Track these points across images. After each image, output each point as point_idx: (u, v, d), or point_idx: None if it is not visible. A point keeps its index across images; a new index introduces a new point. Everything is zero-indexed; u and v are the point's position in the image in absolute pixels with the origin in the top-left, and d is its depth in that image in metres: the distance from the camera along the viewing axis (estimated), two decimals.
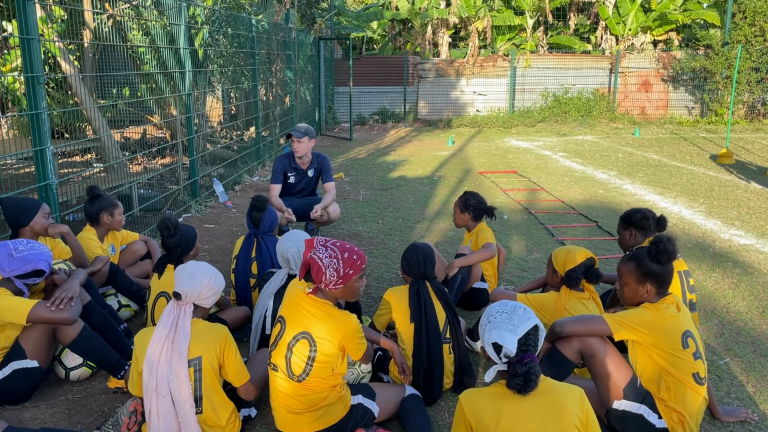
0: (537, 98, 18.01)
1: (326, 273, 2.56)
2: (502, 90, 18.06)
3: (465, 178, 9.35)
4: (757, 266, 5.15)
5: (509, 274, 5.05)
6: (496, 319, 2.18)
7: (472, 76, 18.07)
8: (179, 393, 2.54)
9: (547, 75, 18.00)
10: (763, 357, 3.58)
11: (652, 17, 18.33)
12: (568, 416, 2.09)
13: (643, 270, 2.69)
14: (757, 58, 16.06)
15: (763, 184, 8.62)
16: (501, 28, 19.25)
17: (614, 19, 18.62)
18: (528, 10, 18.82)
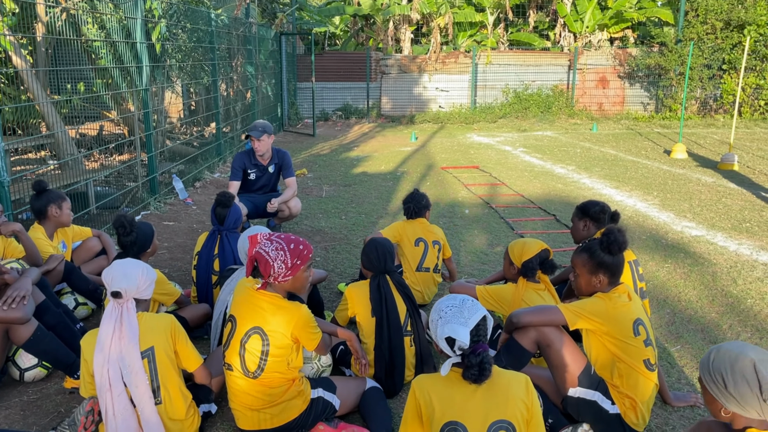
0: (498, 94, 18.23)
1: (274, 266, 2.57)
2: (464, 86, 18.22)
3: (428, 174, 9.42)
4: (707, 257, 5.34)
5: (470, 267, 5.12)
6: (447, 314, 2.21)
7: (434, 72, 18.18)
8: (136, 387, 2.52)
9: (507, 71, 18.23)
10: (712, 344, 3.72)
11: (608, 15, 18.73)
12: (513, 401, 2.16)
13: (596, 261, 2.77)
14: (708, 55, 16.57)
15: (713, 177, 8.92)
16: (462, 25, 19.40)
17: (572, 16, 18.96)
18: (489, 6, 19.01)
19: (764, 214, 6.73)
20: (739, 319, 4.04)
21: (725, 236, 5.94)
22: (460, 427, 2.12)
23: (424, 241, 4.23)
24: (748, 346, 1.96)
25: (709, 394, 1.99)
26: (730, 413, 1.95)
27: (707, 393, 2.00)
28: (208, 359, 3.06)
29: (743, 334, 3.83)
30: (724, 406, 1.94)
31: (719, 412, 1.98)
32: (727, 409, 1.94)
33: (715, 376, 1.95)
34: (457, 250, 5.59)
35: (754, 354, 1.92)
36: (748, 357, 1.91)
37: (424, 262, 4.21)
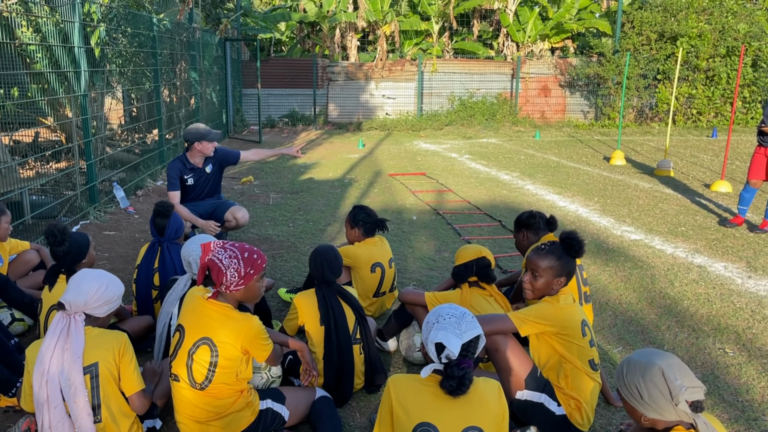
0: (444, 102, 18.47)
1: (227, 274, 2.53)
2: (411, 94, 18.38)
3: (375, 181, 9.44)
4: (646, 260, 5.53)
5: (419, 273, 5.15)
6: (445, 321, 2.22)
7: (381, 80, 18.27)
8: (74, 402, 2.42)
9: (453, 79, 18.50)
10: (652, 344, 3.85)
11: (549, 26, 19.26)
12: (487, 408, 2.19)
13: (562, 263, 2.81)
14: (644, 66, 17.25)
15: (650, 183, 9.27)
16: (408, 33, 19.58)
17: (515, 26, 19.42)
18: (434, 15, 19.26)
19: (698, 219, 7.04)
20: (676, 320, 4.20)
21: (662, 240, 6.18)
22: (433, 429, 2.13)
23: (381, 266, 4.06)
24: (655, 354, 2.08)
25: (628, 404, 2.10)
26: (650, 420, 2.06)
27: (626, 404, 2.11)
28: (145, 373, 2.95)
29: (680, 334, 3.99)
30: (644, 415, 2.05)
31: (641, 420, 2.09)
32: (647, 417, 2.05)
33: (630, 388, 2.07)
34: (405, 256, 5.62)
35: (660, 361, 2.04)
36: (656, 365, 2.03)
37: (382, 286, 4.09)
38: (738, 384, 3.35)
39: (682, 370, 2.02)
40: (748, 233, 6.39)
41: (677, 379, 1.99)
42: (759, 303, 4.47)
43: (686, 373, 2.02)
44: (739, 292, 4.71)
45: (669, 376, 2.00)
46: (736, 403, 3.17)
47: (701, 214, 7.23)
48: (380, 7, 18.54)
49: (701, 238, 6.20)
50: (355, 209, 4.22)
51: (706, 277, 5.05)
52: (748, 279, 5.00)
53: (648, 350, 2.14)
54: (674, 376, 1.99)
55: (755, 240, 6.13)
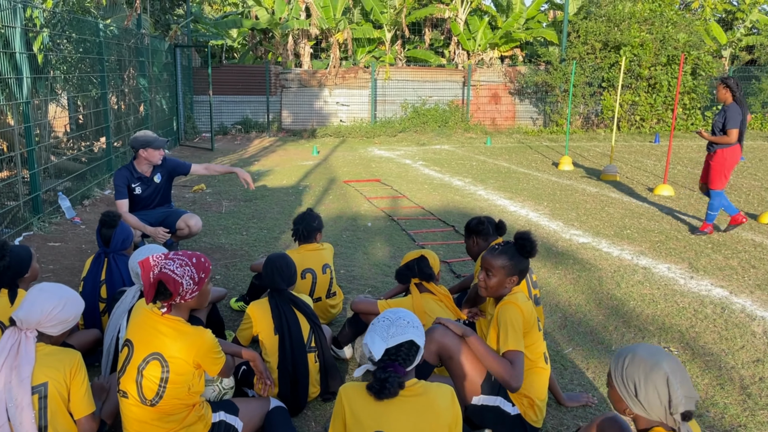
0: (397, 109, 18.60)
1: (183, 283, 2.49)
2: (365, 101, 18.44)
3: (330, 187, 9.43)
4: (593, 262, 5.69)
5: (374, 279, 5.17)
6: (377, 324, 2.25)
7: (334, 87, 18.28)
8: (20, 423, 2.33)
9: (406, 87, 18.66)
10: (600, 345, 3.97)
11: (498, 35, 19.66)
12: (439, 414, 2.20)
13: (514, 263, 2.87)
14: (589, 74, 17.77)
15: (596, 187, 9.55)
16: (361, 41, 19.67)
17: (465, 35, 19.73)
18: (386, 24, 19.40)
19: (642, 222, 7.28)
20: (623, 321, 4.34)
21: (609, 243, 6.37)
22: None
23: (312, 272, 4.05)
24: (662, 354, 2.03)
25: (616, 393, 2.06)
26: (633, 414, 2.05)
27: (615, 392, 2.07)
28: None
29: (627, 334, 4.12)
30: (630, 408, 2.03)
31: (623, 411, 2.08)
32: (632, 410, 2.03)
33: (627, 382, 2.02)
34: (360, 263, 5.63)
35: (667, 366, 1.98)
36: (662, 370, 1.97)
37: (315, 292, 4.08)
38: None
39: (684, 378, 1.98)
40: (689, 235, 6.65)
41: (679, 388, 1.95)
42: (700, 302, 4.66)
43: (687, 381, 1.98)
44: (682, 292, 4.89)
45: (673, 383, 1.95)
46: None
47: (645, 217, 7.49)
48: (333, 15, 18.57)
49: (646, 241, 6.42)
50: (297, 217, 4.23)
51: (651, 278, 5.23)
52: (690, 279, 5.20)
53: (655, 348, 2.07)
54: (677, 385, 1.95)
55: (696, 242, 6.38)
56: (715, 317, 4.37)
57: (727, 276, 5.27)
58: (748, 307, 4.55)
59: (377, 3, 19.24)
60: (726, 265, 5.57)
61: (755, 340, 3.99)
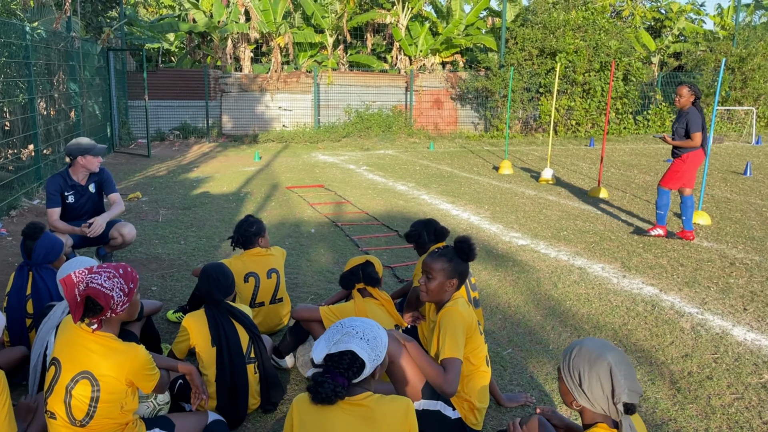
0: (341, 114, 18.58)
1: (114, 296, 2.40)
2: (307, 106, 18.34)
3: (273, 194, 9.31)
4: (532, 264, 5.82)
5: (317, 286, 5.12)
6: (332, 328, 2.22)
7: (276, 92, 18.10)
8: None
9: (349, 92, 18.66)
10: (539, 344, 4.05)
11: (439, 40, 19.93)
12: (397, 429, 2.17)
13: (453, 265, 2.89)
14: (527, 80, 18.22)
15: (535, 190, 9.79)
16: (303, 45, 19.57)
17: (407, 41, 19.91)
18: (327, 28, 19.37)
19: (578, 223, 7.50)
20: (560, 320, 4.45)
21: (547, 244, 6.53)
22: None
23: (255, 276, 3.99)
24: (608, 347, 2.10)
25: (564, 385, 2.14)
26: (580, 407, 2.12)
27: (563, 384, 2.15)
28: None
29: (564, 333, 4.22)
30: (576, 400, 2.11)
31: (571, 404, 2.14)
32: (578, 402, 2.11)
33: (573, 372, 2.10)
34: (304, 270, 5.58)
35: (611, 356, 2.06)
36: (606, 360, 2.05)
37: (257, 297, 4.02)
38: None
39: (629, 372, 2.04)
40: (622, 236, 6.89)
41: (623, 378, 2.01)
42: (633, 300, 4.83)
43: (631, 374, 2.04)
44: (615, 291, 5.06)
45: (616, 373, 2.01)
46: None
47: (581, 219, 7.72)
48: (273, 19, 18.41)
49: (581, 242, 6.62)
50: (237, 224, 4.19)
51: (586, 278, 5.39)
52: (623, 278, 5.39)
53: (602, 341, 2.14)
54: (620, 376, 2.01)
55: (629, 242, 6.62)
56: (646, 314, 4.53)
57: (657, 274, 5.49)
58: (676, 304, 4.74)
59: (318, 7, 19.19)
60: (656, 264, 5.80)
61: (684, 335, 4.16)
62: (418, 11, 20.29)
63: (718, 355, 3.85)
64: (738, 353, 3.87)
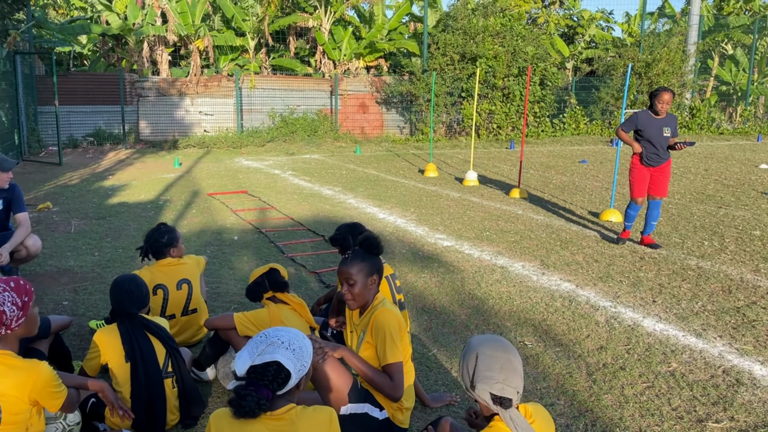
0: (265, 118, 18.32)
1: (5, 311, 2.25)
2: (230, 110, 17.97)
3: (193, 201, 9.05)
4: (457, 264, 5.92)
5: (240, 295, 5.01)
6: (254, 339, 2.15)
7: (196, 96, 17.64)
8: None
9: (273, 96, 18.44)
10: (463, 344, 4.12)
11: (363, 45, 20.02)
12: None
13: (367, 264, 2.88)
14: (450, 84, 18.59)
15: (459, 192, 9.98)
16: (223, 48, 19.18)
17: (330, 45, 19.89)
18: (248, 31, 19.06)
19: (500, 224, 7.70)
20: (483, 319, 4.54)
21: (470, 245, 6.66)
22: None
23: (164, 287, 3.85)
24: (490, 340, 2.16)
25: None
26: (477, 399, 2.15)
27: None
28: None
29: (487, 332, 4.31)
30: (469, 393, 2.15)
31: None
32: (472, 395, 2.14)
33: (461, 364, 2.18)
34: (226, 279, 5.44)
35: (484, 348, 2.12)
36: (477, 349, 2.13)
37: (167, 309, 3.87)
38: (536, 373, 3.70)
39: (502, 364, 2.06)
40: (541, 235, 7.12)
41: (488, 370, 2.04)
42: (551, 297, 5.00)
43: (505, 368, 2.06)
44: (535, 288, 5.22)
45: (481, 363, 2.05)
46: (534, 391, 3.49)
47: (502, 219, 7.93)
48: (192, 21, 17.94)
49: (503, 241, 6.79)
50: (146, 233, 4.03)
51: (508, 276, 5.54)
52: (542, 276, 5.56)
53: (492, 336, 2.19)
54: (486, 366, 2.04)
55: (547, 240, 6.85)
56: (564, 310, 4.70)
57: (574, 271, 5.70)
58: (591, 299, 4.94)
59: (239, 10, 18.87)
60: (572, 261, 6.03)
61: (598, 328, 4.34)
62: (341, 15, 20.32)
63: (630, 346, 4.04)
64: (648, 343, 4.08)
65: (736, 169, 12.95)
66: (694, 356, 3.88)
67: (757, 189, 10.34)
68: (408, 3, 21.66)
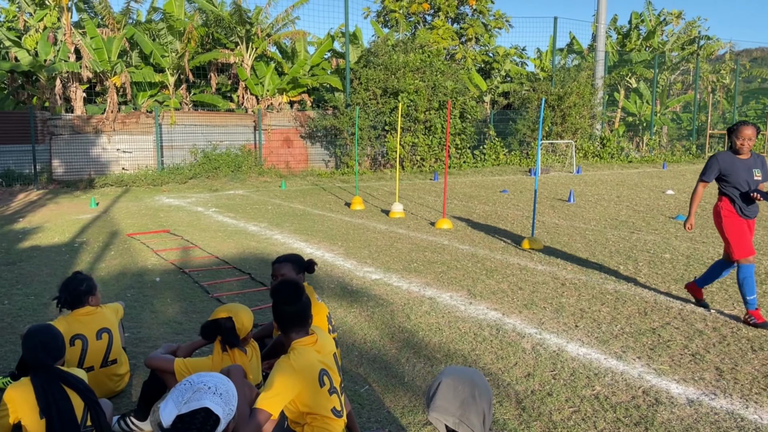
0: (186, 155, 17.94)
1: None
2: (149, 147, 17.49)
3: (112, 242, 8.69)
4: (386, 298, 5.94)
5: (164, 339, 4.82)
6: (178, 387, 2.08)
7: (114, 133, 17.08)
8: None
9: (195, 132, 18.12)
10: (395, 378, 4.12)
11: (285, 80, 20.07)
12: None
13: (279, 313, 2.86)
14: (373, 118, 18.87)
15: (386, 224, 10.07)
16: (142, 85, 18.73)
17: (252, 80, 19.83)
18: (168, 67, 18.73)
19: (427, 254, 7.81)
20: (414, 352, 4.56)
21: (399, 277, 6.71)
22: None
23: (83, 338, 3.67)
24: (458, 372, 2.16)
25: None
26: None
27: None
28: None
29: (418, 365, 4.33)
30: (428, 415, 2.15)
31: None
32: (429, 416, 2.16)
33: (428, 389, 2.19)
34: (148, 323, 5.23)
35: (449, 378, 2.13)
36: (443, 377, 2.14)
37: (85, 361, 3.68)
38: None
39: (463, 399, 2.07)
40: (467, 264, 7.27)
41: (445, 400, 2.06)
42: (479, 326, 5.09)
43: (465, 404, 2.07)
44: (463, 318, 5.31)
45: (440, 392, 2.08)
46: None
47: (429, 250, 8.05)
48: (108, 57, 17.46)
49: (430, 272, 6.89)
50: (62, 283, 3.82)
51: (436, 307, 5.61)
52: (469, 305, 5.67)
53: (465, 370, 2.18)
54: (444, 396, 2.06)
55: (473, 269, 7.00)
56: (492, 338, 4.80)
57: (500, 299, 5.85)
58: (518, 326, 5.08)
59: (157, 46, 18.55)
60: (498, 289, 6.18)
61: (525, 355, 4.45)
62: (262, 51, 20.33)
63: (556, 372, 4.16)
64: (573, 368, 4.22)
65: (646, 195, 13.75)
66: (616, 378, 4.04)
67: (665, 214, 11.01)
68: (330, 40, 21.97)
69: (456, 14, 25.85)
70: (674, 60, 30.26)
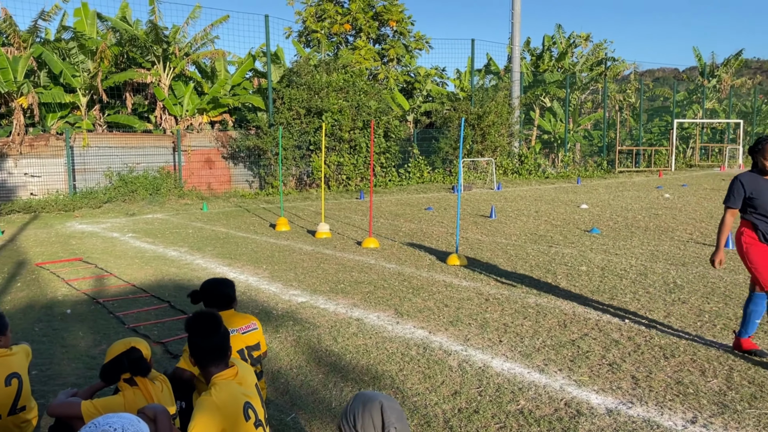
0: (101, 178, 17.18)
1: None
2: (60, 170, 16.65)
3: (18, 272, 8.15)
4: (312, 320, 5.85)
5: (76, 376, 4.54)
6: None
7: (20, 157, 16.15)
8: None
9: (110, 154, 17.41)
10: (321, 404, 4.03)
11: (206, 100, 19.66)
12: None
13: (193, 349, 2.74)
14: (297, 137, 18.76)
15: (312, 245, 9.97)
16: (51, 106, 17.84)
17: (171, 100, 19.30)
18: (80, 87, 17.96)
19: (354, 274, 7.77)
20: (341, 375, 4.50)
21: (325, 299, 6.63)
22: None
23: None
24: (381, 394, 2.30)
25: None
26: None
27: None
28: None
29: (345, 389, 4.27)
30: None
31: None
32: None
33: (348, 416, 2.24)
34: (58, 358, 4.91)
35: (383, 399, 2.25)
36: (378, 400, 2.24)
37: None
38: None
39: (400, 416, 2.23)
40: (393, 283, 7.28)
41: (393, 416, 2.20)
42: (406, 345, 5.09)
43: (402, 419, 2.24)
44: (391, 338, 5.29)
45: (386, 412, 2.20)
46: None
47: (356, 270, 8.02)
48: (13, 78, 16.54)
49: (357, 293, 6.85)
50: None
51: (363, 328, 5.57)
52: (396, 324, 5.66)
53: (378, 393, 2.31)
54: (390, 414, 2.20)
55: (400, 288, 7.02)
56: (419, 357, 4.80)
57: (426, 317, 5.88)
58: (444, 344, 5.11)
59: (67, 66, 17.76)
60: (424, 307, 6.22)
61: (452, 373, 4.48)
62: (181, 71, 19.86)
63: (482, 388, 4.20)
64: (498, 383, 4.27)
65: (562, 209, 14.30)
66: (539, 392, 4.12)
67: (581, 227, 11.47)
68: (251, 59, 21.73)
69: (377, 35, 26.23)
70: (584, 80, 31.89)
